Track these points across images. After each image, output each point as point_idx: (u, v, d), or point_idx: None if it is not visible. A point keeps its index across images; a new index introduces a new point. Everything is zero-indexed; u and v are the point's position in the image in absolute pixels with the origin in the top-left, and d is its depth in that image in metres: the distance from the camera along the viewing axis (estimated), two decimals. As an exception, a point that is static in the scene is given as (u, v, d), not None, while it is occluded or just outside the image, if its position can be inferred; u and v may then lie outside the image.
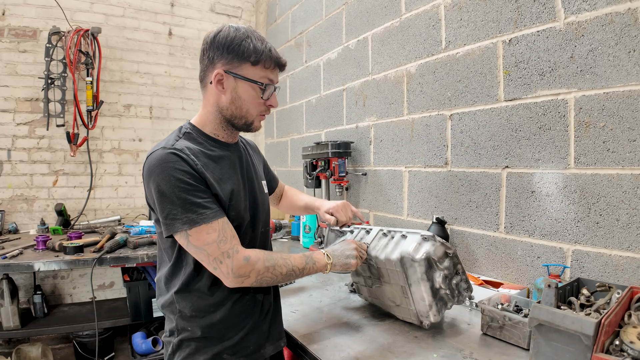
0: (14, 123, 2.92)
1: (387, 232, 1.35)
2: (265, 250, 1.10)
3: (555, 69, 1.37)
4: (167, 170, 0.99)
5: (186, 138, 1.11)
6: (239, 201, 1.11)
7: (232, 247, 1.01)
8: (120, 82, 3.26)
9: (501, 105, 1.54)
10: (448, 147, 1.76)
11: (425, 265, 1.18)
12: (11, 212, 2.96)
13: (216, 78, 1.08)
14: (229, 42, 1.06)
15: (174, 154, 1.01)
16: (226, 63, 1.07)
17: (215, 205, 1.03)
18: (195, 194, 1.00)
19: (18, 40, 2.87)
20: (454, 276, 1.24)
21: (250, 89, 1.09)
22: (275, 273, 1.07)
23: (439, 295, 1.21)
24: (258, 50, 1.06)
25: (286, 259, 1.11)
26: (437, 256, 1.19)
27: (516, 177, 1.50)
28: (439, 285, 1.19)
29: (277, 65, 1.12)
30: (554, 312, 1.01)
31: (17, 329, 2.54)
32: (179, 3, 3.46)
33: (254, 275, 1.03)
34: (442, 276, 1.19)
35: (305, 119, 2.99)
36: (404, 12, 1.98)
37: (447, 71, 1.75)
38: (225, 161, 1.14)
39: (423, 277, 1.18)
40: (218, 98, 1.11)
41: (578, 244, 1.32)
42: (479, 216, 1.64)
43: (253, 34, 1.08)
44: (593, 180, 1.28)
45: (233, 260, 1.00)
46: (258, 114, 1.14)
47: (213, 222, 1.00)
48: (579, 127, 1.31)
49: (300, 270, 1.13)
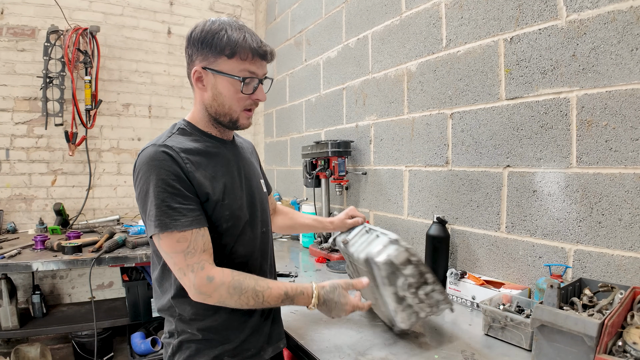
0: (13, 122, 2.90)
1: (368, 229, 1.34)
2: (239, 274, 1.01)
3: (557, 67, 1.36)
4: (153, 169, 0.96)
5: (180, 134, 1.08)
6: (233, 199, 1.08)
7: (198, 262, 0.96)
8: (119, 81, 3.25)
9: (502, 104, 1.53)
10: (449, 146, 1.75)
11: (387, 270, 1.13)
12: (10, 212, 2.95)
13: (195, 76, 1.05)
14: (202, 36, 1.02)
15: (164, 152, 0.98)
16: (203, 59, 1.03)
17: (194, 213, 0.98)
18: (176, 198, 0.96)
19: (16, 39, 2.86)
20: (423, 285, 1.15)
21: (229, 83, 1.03)
22: (241, 302, 0.99)
23: (406, 302, 1.15)
24: (232, 42, 1.00)
25: (259, 292, 1.00)
26: (398, 261, 1.12)
27: (518, 176, 1.49)
28: (403, 293, 1.13)
29: (257, 55, 1.03)
30: (556, 312, 1.00)
31: (15, 329, 2.53)
32: (178, 2, 3.45)
33: (215, 297, 0.98)
34: (405, 284, 1.12)
35: (305, 118, 2.97)
36: (404, 11, 1.96)
37: (448, 70, 1.74)
38: (220, 158, 1.10)
39: (385, 281, 1.13)
40: (202, 96, 1.09)
41: (580, 244, 1.31)
42: (480, 216, 1.63)
43: (231, 25, 1.02)
44: (595, 180, 1.27)
45: (196, 276, 0.95)
46: (242, 109, 1.08)
47: (185, 231, 0.95)
48: (581, 126, 1.30)
49: (273, 305, 1.05)
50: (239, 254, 1.11)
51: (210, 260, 1.00)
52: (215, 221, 1.05)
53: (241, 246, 1.11)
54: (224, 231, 1.07)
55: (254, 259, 1.16)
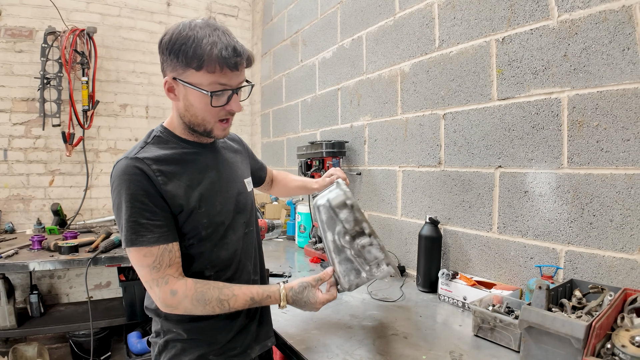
0: (10, 123, 2.92)
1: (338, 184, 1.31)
2: (202, 285, 1.01)
3: (548, 67, 1.35)
4: (124, 183, 0.96)
5: (155, 142, 1.06)
6: (211, 206, 1.07)
7: (162, 277, 0.98)
8: (117, 82, 3.26)
9: (494, 104, 1.52)
10: (441, 146, 1.75)
11: (325, 213, 1.11)
12: (8, 212, 2.96)
13: (166, 86, 1.02)
14: (171, 46, 0.96)
15: (135, 166, 0.97)
16: (172, 70, 0.99)
17: (162, 229, 0.98)
18: (144, 213, 0.96)
19: (14, 40, 2.87)
20: (359, 236, 1.10)
21: (199, 96, 0.99)
22: (206, 311, 1.01)
23: (345, 254, 1.11)
24: (199, 54, 0.93)
25: (223, 300, 1.01)
26: (334, 204, 1.09)
27: (509, 177, 1.48)
28: (339, 240, 1.09)
29: (227, 66, 0.96)
30: (544, 314, 1.00)
31: (13, 329, 2.54)
32: (175, 2, 3.45)
33: (181, 309, 1.00)
34: (340, 230, 1.09)
35: (300, 118, 2.97)
36: (398, 11, 1.96)
37: (441, 70, 1.73)
38: (197, 165, 1.09)
39: (325, 227, 1.11)
40: (176, 105, 1.06)
41: (571, 245, 1.31)
42: (472, 216, 1.62)
43: (200, 31, 0.95)
44: (586, 180, 1.26)
45: (160, 290, 0.98)
46: (216, 120, 1.05)
47: (152, 247, 0.96)
48: (572, 127, 1.29)
49: (240, 308, 1.06)
50: (221, 258, 1.11)
51: (176, 273, 1.00)
52: (194, 229, 1.04)
53: (223, 250, 1.11)
54: (204, 238, 1.07)
55: (237, 261, 1.15)
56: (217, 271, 1.10)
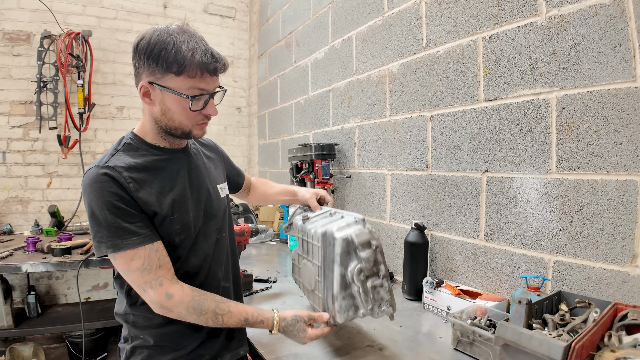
0: (9, 126, 2.94)
1: (333, 212, 1.28)
2: (200, 294, 1.01)
3: (536, 66, 1.28)
4: (96, 192, 0.95)
5: (125, 150, 1.05)
6: (184, 212, 1.06)
7: (155, 279, 0.97)
8: (113, 84, 3.26)
9: (481, 105, 1.45)
10: (429, 149, 1.68)
11: (342, 247, 1.06)
12: (6, 214, 2.99)
13: (142, 91, 1.00)
14: (149, 50, 0.95)
15: (105, 174, 0.95)
16: (150, 74, 0.97)
17: (145, 230, 0.97)
18: (124, 217, 0.95)
19: (12, 44, 2.89)
20: (373, 276, 1.08)
21: (177, 101, 0.99)
22: (199, 320, 1.00)
23: (350, 291, 1.07)
24: (180, 59, 0.93)
25: (219, 315, 1.00)
26: (358, 241, 1.06)
27: (496, 181, 1.41)
28: (351, 277, 1.05)
29: (207, 71, 0.97)
30: (520, 332, 0.93)
31: (10, 329, 2.56)
32: (171, 4, 3.44)
33: (175, 313, 0.99)
34: (357, 268, 1.05)
35: (294, 120, 2.93)
36: (386, 10, 1.90)
37: (428, 70, 1.67)
38: (167, 171, 1.07)
39: (337, 259, 1.06)
40: (151, 109, 1.04)
41: (560, 255, 1.23)
42: (459, 222, 1.55)
43: (178, 36, 0.95)
44: (576, 187, 1.19)
45: (155, 292, 0.96)
46: (194, 124, 1.05)
47: (139, 249, 0.95)
48: (561, 129, 1.22)
49: (233, 326, 1.04)
50: (192, 264, 1.09)
51: (169, 275, 0.99)
52: (167, 236, 1.03)
53: (194, 256, 1.10)
54: (177, 244, 1.06)
55: (207, 267, 1.13)
56: (188, 277, 1.08)
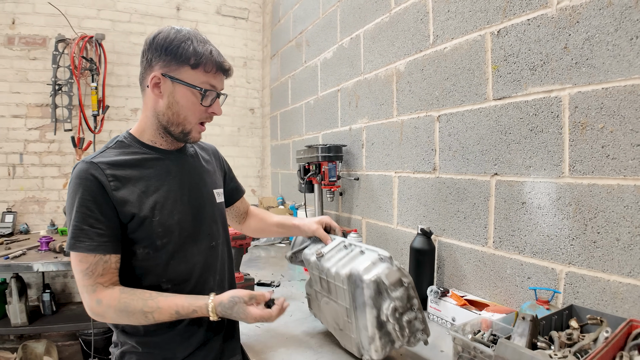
0: (26, 128, 3.02)
1: (348, 245, 1.21)
2: (127, 295, 0.97)
3: (547, 62, 1.19)
4: (77, 187, 0.96)
5: (116, 147, 1.05)
6: (167, 215, 1.03)
7: (92, 285, 0.96)
8: (127, 87, 3.30)
9: (490, 104, 1.37)
10: (436, 151, 1.60)
11: (374, 289, 1.01)
12: (23, 214, 3.06)
13: (152, 81, 1.01)
14: (167, 43, 0.99)
15: (88, 170, 0.96)
16: (164, 65, 1.00)
17: (102, 239, 0.95)
18: (88, 220, 0.95)
19: (28, 48, 2.97)
20: (407, 311, 1.03)
21: (189, 94, 1.02)
22: (131, 322, 0.98)
23: (386, 329, 1.03)
24: (198, 53, 0.99)
25: (147, 312, 0.96)
26: (389, 282, 1.01)
27: (506, 185, 1.32)
28: (386, 317, 1.01)
29: (220, 69, 1.04)
30: (521, 352, 0.85)
31: (24, 326, 2.61)
32: (184, 7, 3.46)
33: (108, 318, 0.98)
34: (391, 307, 1.00)
35: (304, 120, 2.88)
36: (393, 7, 1.83)
37: (435, 68, 1.59)
38: (156, 171, 1.06)
39: (369, 302, 1.01)
40: (155, 103, 1.04)
41: (572, 266, 1.14)
42: (467, 228, 1.47)
43: (196, 36, 1.02)
44: (590, 192, 1.09)
45: (89, 297, 0.97)
46: (197, 121, 1.07)
47: (88, 254, 0.95)
48: (575, 129, 1.13)
49: (167, 320, 1.00)
50: (178, 271, 1.06)
51: (107, 282, 0.98)
52: (147, 238, 1.01)
53: (182, 262, 1.06)
54: (160, 247, 1.03)
55: (197, 275, 1.10)
56: (175, 285, 1.06)
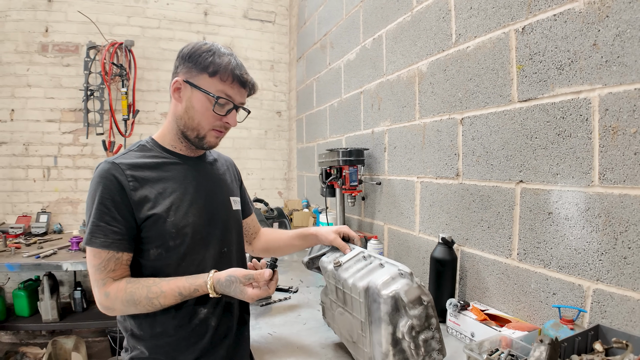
0: (60, 132, 3.16)
1: (367, 256, 1.18)
2: (132, 285, 1.00)
3: (575, 60, 1.10)
4: (98, 185, 1.01)
5: (138, 150, 1.12)
6: (181, 216, 1.06)
7: (103, 279, 1.00)
8: (157, 91, 3.39)
9: (515, 107, 1.29)
10: (459, 156, 1.53)
11: (391, 306, 0.97)
12: (57, 214, 3.20)
13: (174, 86, 1.08)
14: (192, 52, 1.07)
15: (110, 171, 1.02)
16: (186, 72, 1.07)
17: (116, 236, 1.00)
18: (105, 217, 1.00)
19: (62, 55, 3.11)
20: (425, 330, 0.99)
21: (204, 99, 1.06)
22: (139, 310, 1.02)
23: (400, 346, 0.98)
24: (217, 63, 1.04)
25: (152, 299, 1.00)
26: (408, 299, 0.97)
27: (531, 194, 1.24)
28: (402, 334, 0.96)
29: (238, 81, 1.07)
30: (536, 378, 0.79)
31: (55, 322, 2.73)
32: (212, 11, 3.52)
33: (117, 310, 1.02)
34: (408, 325, 0.96)
35: (328, 123, 2.85)
36: (415, 5, 1.77)
37: (458, 68, 1.52)
38: (174, 173, 1.11)
39: (385, 318, 0.97)
40: (175, 107, 1.11)
41: (600, 282, 1.05)
42: (490, 238, 1.39)
43: (220, 49, 1.08)
44: (621, 203, 1.00)
45: (98, 291, 1.01)
46: (211, 128, 1.10)
47: (102, 250, 0.99)
48: (605, 134, 1.04)
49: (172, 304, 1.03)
50: (189, 273, 1.07)
51: (118, 277, 1.02)
52: (160, 237, 1.04)
53: (192, 265, 1.08)
54: (171, 248, 1.06)
55: None
56: None
